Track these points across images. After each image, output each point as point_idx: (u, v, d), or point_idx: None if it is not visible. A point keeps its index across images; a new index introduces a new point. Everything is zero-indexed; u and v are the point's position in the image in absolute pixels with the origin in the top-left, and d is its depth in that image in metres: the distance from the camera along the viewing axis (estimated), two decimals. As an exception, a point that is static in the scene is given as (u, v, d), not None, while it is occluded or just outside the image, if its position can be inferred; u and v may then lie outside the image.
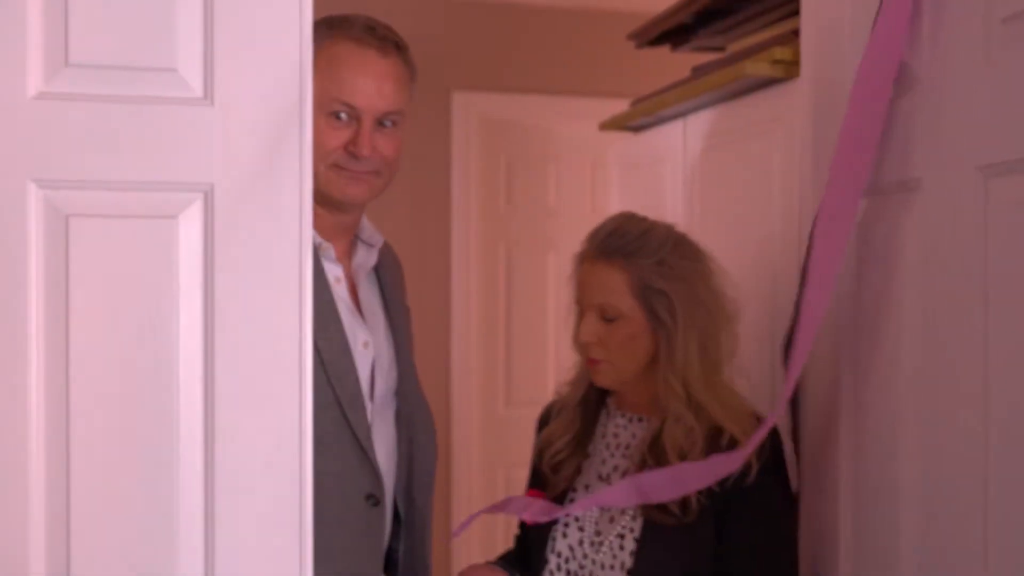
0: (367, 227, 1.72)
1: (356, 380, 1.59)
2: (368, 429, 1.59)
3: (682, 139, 2.23)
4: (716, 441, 1.55)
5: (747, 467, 1.51)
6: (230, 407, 1.09)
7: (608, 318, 1.60)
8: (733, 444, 1.53)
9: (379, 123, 1.59)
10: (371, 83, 1.57)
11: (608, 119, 2.60)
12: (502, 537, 3.95)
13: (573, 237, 3.90)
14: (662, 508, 1.53)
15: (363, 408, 1.59)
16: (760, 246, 1.91)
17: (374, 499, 1.59)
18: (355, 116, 1.57)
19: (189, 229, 1.08)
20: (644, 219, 1.66)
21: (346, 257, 1.69)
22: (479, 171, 3.87)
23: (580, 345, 1.66)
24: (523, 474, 3.88)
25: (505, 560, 1.75)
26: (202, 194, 1.08)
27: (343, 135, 1.57)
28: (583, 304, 1.64)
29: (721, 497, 1.53)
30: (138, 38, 1.07)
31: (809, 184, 1.72)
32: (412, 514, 1.70)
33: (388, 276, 1.76)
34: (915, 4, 1.31)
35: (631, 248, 1.60)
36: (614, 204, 2.66)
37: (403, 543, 1.70)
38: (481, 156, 3.87)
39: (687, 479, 1.48)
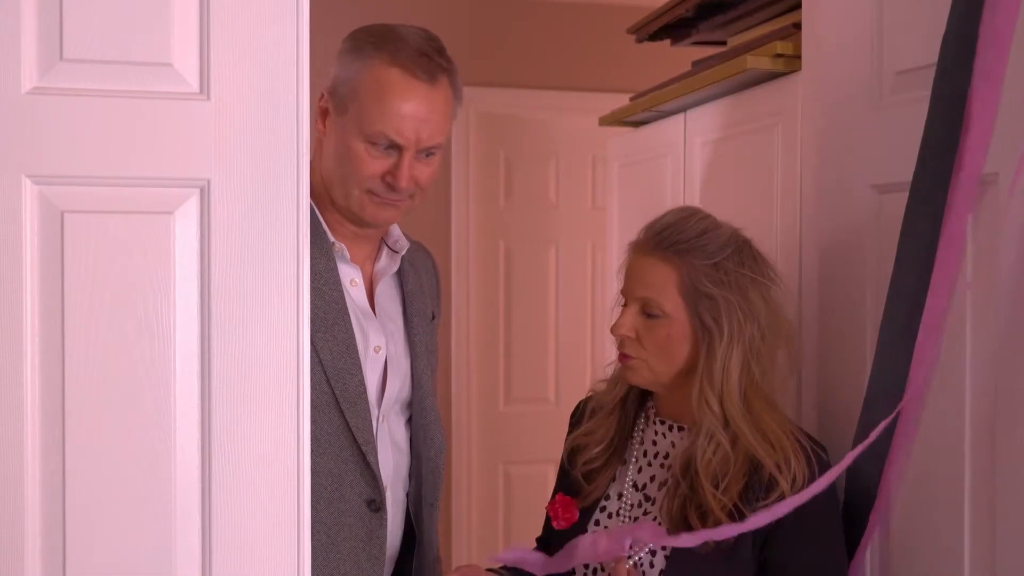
0: (395, 233, 1.69)
1: (359, 383, 1.56)
2: (370, 433, 1.57)
3: (682, 134, 2.22)
4: (757, 473, 1.45)
5: (779, 498, 1.41)
6: (227, 404, 1.08)
7: (650, 314, 1.51)
8: (773, 480, 1.43)
9: (422, 154, 1.56)
10: (417, 120, 1.52)
11: (608, 114, 2.59)
12: (503, 536, 3.94)
13: (573, 233, 3.97)
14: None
15: (366, 412, 1.56)
16: (761, 241, 1.89)
17: (375, 504, 1.57)
18: (396, 147, 1.53)
19: (185, 225, 1.07)
20: (708, 217, 1.56)
21: (370, 261, 1.67)
22: (478, 166, 3.86)
23: (616, 338, 1.56)
24: (522, 472, 3.94)
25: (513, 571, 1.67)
26: (198, 190, 1.07)
27: (382, 164, 1.54)
28: (627, 295, 1.55)
29: (760, 532, 1.43)
30: (133, 33, 1.06)
31: (810, 178, 1.71)
32: (420, 529, 1.68)
33: (411, 284, 1.72)
34: None
35: (687, 245, 1.50)
36: (614, 199, 2.65)
37: (415, 559, 1.68)
38: (480, 151, 3.86)
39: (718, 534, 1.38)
